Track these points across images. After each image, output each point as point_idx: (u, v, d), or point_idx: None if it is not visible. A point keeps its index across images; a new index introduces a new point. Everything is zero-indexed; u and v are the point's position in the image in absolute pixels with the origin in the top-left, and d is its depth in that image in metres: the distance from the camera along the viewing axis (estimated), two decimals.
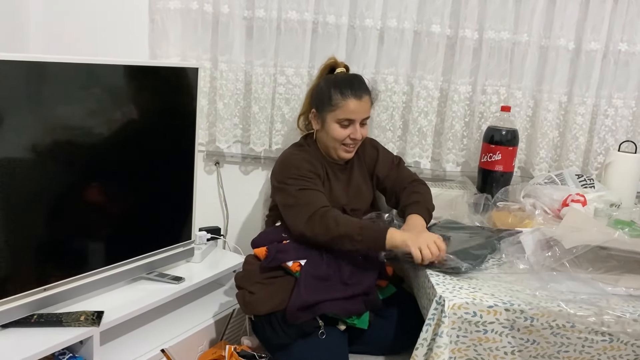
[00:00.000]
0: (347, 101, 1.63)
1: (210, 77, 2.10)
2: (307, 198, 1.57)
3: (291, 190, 1.59)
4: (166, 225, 1.83)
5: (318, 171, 1.66)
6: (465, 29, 2.02)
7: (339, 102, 1.64)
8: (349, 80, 1.68)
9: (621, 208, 1.78)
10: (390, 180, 1.80)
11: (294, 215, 1.57)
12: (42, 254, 1.47)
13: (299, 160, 1.66)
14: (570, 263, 1.33)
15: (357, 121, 1.66)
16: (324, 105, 1.68)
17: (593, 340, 1.22)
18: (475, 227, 1.65)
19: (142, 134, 1.68)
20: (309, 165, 1.65)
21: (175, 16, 2.03)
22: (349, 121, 1.65)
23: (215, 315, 1.84)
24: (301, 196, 1.58)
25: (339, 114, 1.65)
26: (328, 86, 1.68)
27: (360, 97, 1.65)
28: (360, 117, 1.66)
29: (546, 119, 2.09)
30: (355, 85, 1.66)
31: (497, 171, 1.97)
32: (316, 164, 1.68)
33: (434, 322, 1.23)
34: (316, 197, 1.58)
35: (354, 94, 1.64)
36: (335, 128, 1.66)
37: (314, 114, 1.73)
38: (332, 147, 1.70)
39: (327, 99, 1.66)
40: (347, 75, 1.72)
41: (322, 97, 1.69)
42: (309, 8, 2.01)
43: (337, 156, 1.72)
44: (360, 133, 1.67)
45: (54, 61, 1.41)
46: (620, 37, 2.02)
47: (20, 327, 1.42)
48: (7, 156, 1.35)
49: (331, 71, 1.75)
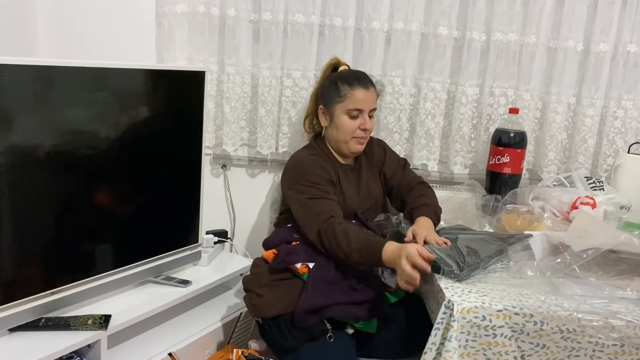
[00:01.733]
0: (355, 91, 1.66)
1: (217, 80, 2.10)
2: (317, 209, 1.56)
3: (302, 199, 1.58)
4: (173, 228, 1.83)
5: (330, 176, 1.65)
6: (473, 31, 2.01)
7: (347, 93, 1.66)
8: (354, 73, 1.72)
9: (631, 210, 1.76)
10: (397, 181, 1.80)
11: (305, 227, 1.57)
12: (50, 257, 1.47)
13: (310, 164, 1.65)
14: (579, 267, 1.32)
15: (366, 111, 1.68)
16: (332, 98, 1.69)
17: (604, 345, 1.20)
18: (485, 232, 1.63)
19: (149, 137, 1.68)
20: (320, 171, 1.63)
21: (182, 20, 2.04)
22: (358, 111, 1.67)
23: (223, 319, 1.83)
24: (311, 206, 1.57)
25: (348, 104, 1.66)
26: (334, 81, 1.71)
27: (367, 87, 1.68)
28: (369, 107, 1.68)
29: (554, 121, 2.08)
30: (360, 76, 1.70)
31: (506, 174, 1.95)
32: (327, 167, 1.67)
33: (442, 326, 1.22)
34: (326, 207, 1.56)
35: (361, 84, 1.67)
36: (345, 120, 1.68)
37: (322, 110, 1.74)
38: (342, 141, 1.70)
39: (335, 92, 1.68)
40: (351, 70, 1.76)
41: (329, 92, 1.71)
42: (315, 11, 2.01)
43: (348, 150, 1.72)
44: (369, 124, 1.69)
45: (61, 65, 1.42)
46: (629, 39, 2.00)
47: (28, 331, 1.43)
48: (15, 160, 1.35)
49: (334, 70, 1.78)
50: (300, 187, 1.60)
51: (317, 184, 1.60)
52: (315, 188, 1.59)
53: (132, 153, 1.64)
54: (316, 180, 1.60)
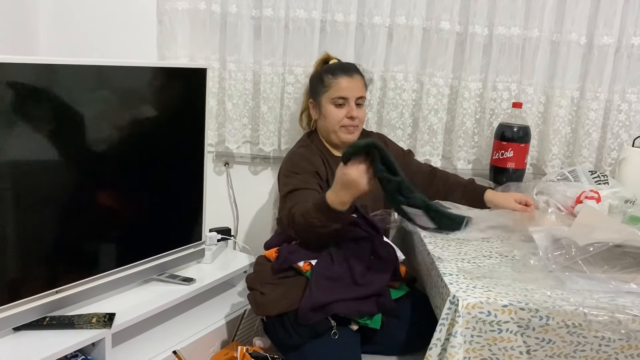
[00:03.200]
0: (338, 79, 1.71)
1: (218, 77, 2.10)
2: (292, 202, 1.56)
3: (284, 192, 1.62)
4: (176, 226, 1.82)
5: (314, 167, 1.67)
6: (475, 25, 2.00)
7: (331, 82, 1.71)
8: (340, 64, 1.80)
9: (636, 204, 1.76)
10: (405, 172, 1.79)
11: (283, 219, 1.59)
12: (54, 256, 1.47)
13: (297, 157, 1.70)
14: (584, 261, 1.31)
15: (352, 99, 1.71)
16: (318, 90, 1.75)
17: (610, 339, 1.20)
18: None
19: (151, 135, 1.68)
20: (304, 162, 1.67)
21: (183, 17, 2.03)
22: (343, 99, 1.70)
23: (227, 316, 1.84)
24: (289, 199, 1.58)
25: (332, 93, 1.71)
26: (319, 73, 1.77)
27: (351, 75, 1.72)
28: (354, 95, 1.71)
29: (558, 115, 2.07)
30: (345, 66, 1.76)
31: (509, 168, 1.95)
32: (316, 160, 1.70)
33: (447, 321, 1.22)
34: (301, 198, 1.56)
35: (344, 72, 1.72)
36: (331, 110, 1.71)
37: (312, 103, 1.79)
38: (332, 131, 1.74)
39: (320, 83, 1.74)
40: (338, 62, 1.82)
41: (316, 85, 1.77)
42: (317, 6, 2.00)
43: (339, 140, 1.75)
44: (356, 112, 1.71)
45: (62, 63, 1.41)
46: (633, 31, 2.00)
47: (32, 330, 1.43)
48: (19, 158, 1.35)
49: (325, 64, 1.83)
50: (285, 179, 1.65)
51: (298, 173, 1.64)
52: (296, 179, 1.62)
53: (135, 151, 1.64)
54: (297, 170, 1.64)
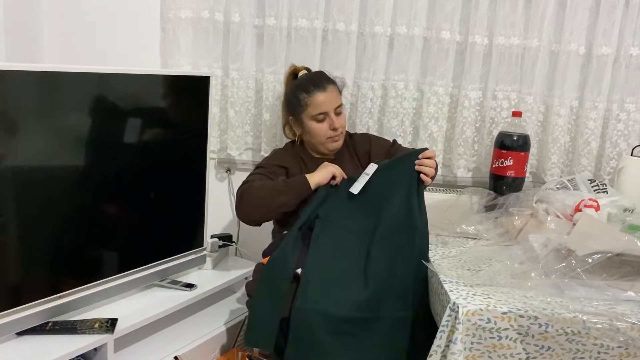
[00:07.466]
0: (314, 96, 1.73)
1: (221, 85, 2.12)
2: (253, 177, 1.70)
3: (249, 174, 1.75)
4: (178, 232, 1.83)
5: (284, 163, 1.75)
6: (475, 35, 2.02)
7: (307, 100, 1.74)
8: (309, 78, 1.81)
9: (635, 213, 1.76)
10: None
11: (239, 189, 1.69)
12: (57, 262, 1.48)
13: (272, 154, 1.85)
14: (583, 270, 1.32)
15: (331, 112, 1.75)
16: (296, 109, 1.78)
17: (609, 347, 1.21)
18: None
19: (154, 142, 1.70)
20: (275, 161, 1.76)
21: (187, 25, 2.05)
22: (323, 114, 1.74)
23: (227, 323, 1.84)
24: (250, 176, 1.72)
25: (311, 111, 1.74)
26: (293, 91, 1.79)
27: (325, 88, 1.75)
28: (332, 107, 1.74)
29: (557, 124, 2.08)
30: (316, 80, 1.77)
31: (509, 177, 1.96)
32: (290, 159, 1.78)
33: (447, 328, 1.22)
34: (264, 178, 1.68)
35: (317, 87, 1.74)
36: (314, 126, 1.75)
37: (292, 120, 1.82)
38: (319, 144, 1.79)
39: (297, 102, 1.76)
40: (307, 75, 1.84)
41: (292, 103, 1.80)
42: (318, 16, 2.02)
43: (327, 150, 1.80)
44: (338, 122, 1.75)
45: (65, 71, 1.43)
46: (631, 42, 2.01)
47: (35, 335, 1.44)
48: (22, 165, 1.36)
49: (295, 77, 1.85)
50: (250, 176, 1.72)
51: (262, 166, 1.73)
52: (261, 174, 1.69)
53: (137, 158, 1.65)
54: (263, 164, 1.76)
